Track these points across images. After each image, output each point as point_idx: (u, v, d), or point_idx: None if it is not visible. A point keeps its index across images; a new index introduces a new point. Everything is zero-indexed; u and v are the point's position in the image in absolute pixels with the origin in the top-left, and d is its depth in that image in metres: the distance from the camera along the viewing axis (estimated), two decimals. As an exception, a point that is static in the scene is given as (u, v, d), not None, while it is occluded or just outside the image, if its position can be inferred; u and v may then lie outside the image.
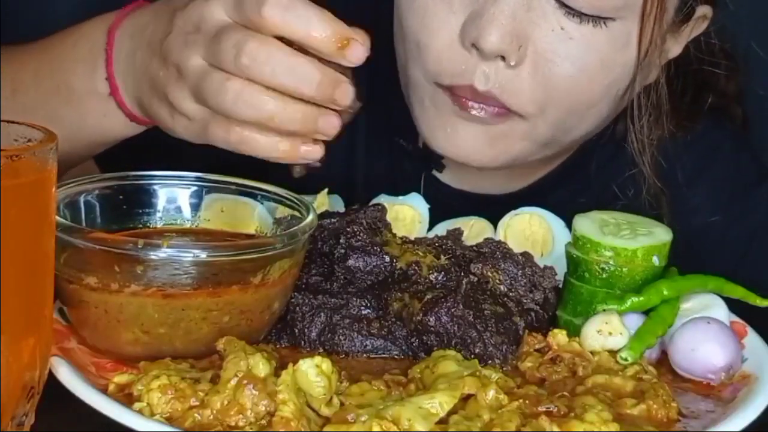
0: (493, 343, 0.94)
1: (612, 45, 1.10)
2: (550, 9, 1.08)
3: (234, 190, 1.03)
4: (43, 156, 0.78)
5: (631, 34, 1.11)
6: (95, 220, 0.99)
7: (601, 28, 1.09)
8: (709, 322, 0.97)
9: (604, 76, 1.11)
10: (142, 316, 0.88)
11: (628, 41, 1.11)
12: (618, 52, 1.11)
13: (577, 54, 1.09)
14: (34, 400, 0.81)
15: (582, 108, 1.13)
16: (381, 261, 1.00)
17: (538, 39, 1.09)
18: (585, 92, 1.12)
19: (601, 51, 1.10)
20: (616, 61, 1.11)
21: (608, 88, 1.13)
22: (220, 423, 0.81)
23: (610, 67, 1.11)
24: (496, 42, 1.07)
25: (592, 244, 1.00)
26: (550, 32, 1.08)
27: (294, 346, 0.97)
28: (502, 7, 1.07)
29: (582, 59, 1.09)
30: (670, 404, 0.88)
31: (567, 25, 1.08)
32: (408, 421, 0.80)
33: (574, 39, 1.09)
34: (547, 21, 1.08)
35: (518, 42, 1.08)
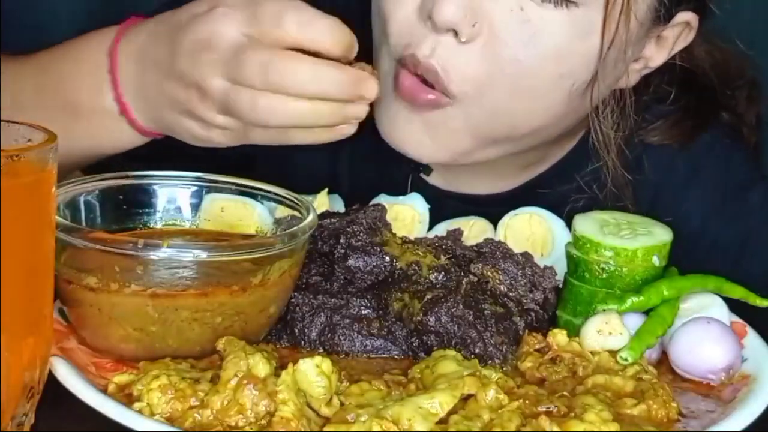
0: (493, 343, 0.94)
1: (571, 32, 1.07)
2: None
3: (234, 190, 1.03)
4: (43, 156, 0.78)
5: (594, 24, 1.07)
6: (95, 220, 0.99)
7: (562, 11, 1.05)
8: (709, 322, 0.97)
9: (557, 64, 1.08)
10: (135, 315, 0.88)
11: (590, 31, 1.07)
12: (577, 41, 1.07)
13: (532, 37, 1.06)
14: (34, 400, 0.81)
15: (526, 96, 1.09)
16: (381, 261, 1.00)
17: (495, 18, 1.06)
18: (531, 78, 1.08)
19: (557, 36, 1.06)
20: (573, 50, 1.08)
21: (561, 78, 1.09)
22: (220, 423, 0.81)
23: (565, 56, 1.08)
24: (449, 14, 1.04)
25: (592, 244, 1.00)
26: (509, 11, 1.05)
27: (294, 346, 0.97)
28: None
29: (536, 43, 1.06)
30: (670, 404, 0.88)
31: (526, 6, 1.05)
32: (408, 421, 0.80)
33: (532, 21, 1.05)
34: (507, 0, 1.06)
35: (473, 18, 1.05)
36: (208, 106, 0.99)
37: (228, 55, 0.97)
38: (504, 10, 1.06)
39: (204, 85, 0.98)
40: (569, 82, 1.09)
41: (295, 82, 0.95)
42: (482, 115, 1.10)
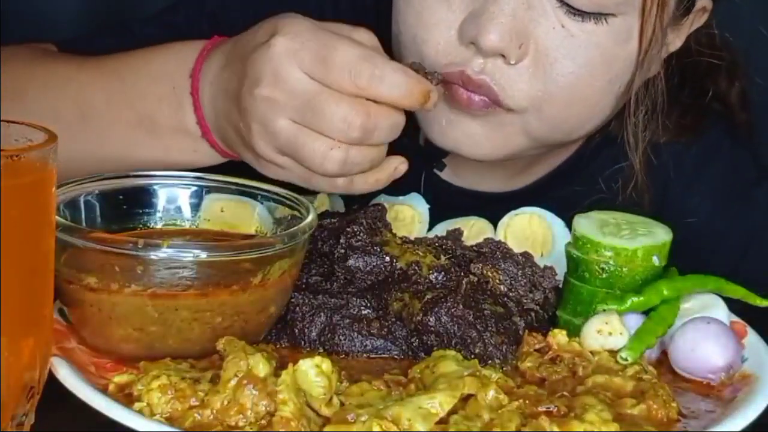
0: (493, 343, 0.94)
1: (613, 40, 1.10)
2: (550, 7, 1.08)
3: (234, 190, 1.03)
4: (43, 156, 0.78)
5: (632, 29, 1.11)
6: (95, 220, 0.99)
7: (602, 24, 1.09)
8: (709, 322, 0.97)
9: (605, 71, 1.11)
10: (135, 315, 0.88)
11: (629, 36, 1.11)
12: (619, 48, 1.11)
13: (579, 51, 1.09)
14: (34, 400, 0.81)
15: (581, 105, 1.13)
16: (381, 261, 1.00)
17: (540, 37, 1.08)
18: (585, 89, 1.11)
19: (602, 47, 1.10)
20: (618, 56, 1.11)
21: (609, 83, 1.13)
22: (220, 423, 0.81)
23: (611, 63, 1.11)
24: (496, 40, 1.06)
25: (592, 244, 1.00)
26: (551, 30, 1.08)
27: (294, 346, 0.97)
28: (502, 6, 1.07)
29: (584, 56, 1.09)
30: (670, 404, 0.88)
31: (568, 23, 1.08)
32: (408, 421, 0.80)
33: (576, 36, 1.09)
34: (548, 19, 1.08)
35: (518, 40, 1.07)
36: (267, 142, 0.99)
37: (297, 100, 0.97)
38: (547, 29, 1.08)
39: (270, 126, 0.98)
40: (617, 86, 1.13)
41: (375, 135, 0.98)
42: (540, 126, 1.13)
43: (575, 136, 1.18)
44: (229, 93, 1.02)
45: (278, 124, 0.97)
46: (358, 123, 0.96)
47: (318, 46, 0.97)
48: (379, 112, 0.97)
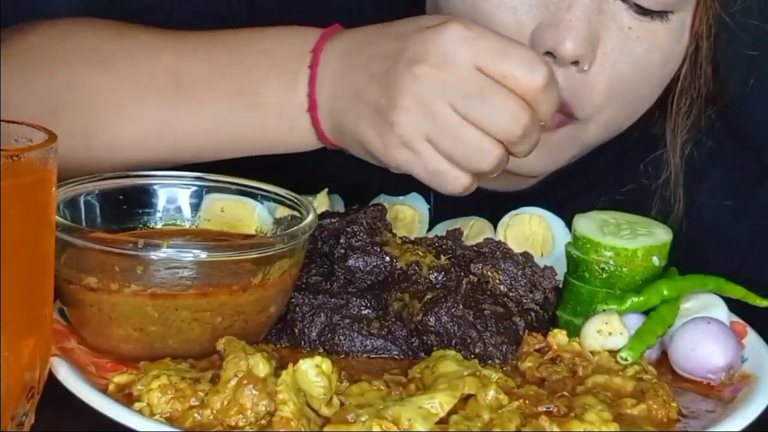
0: (493, 343, 0.94)
1: (671, 38, 1.12)
2: (618, 9, 1.09)
3: (234, 190, 1.03)
4: (43, 156, 0.78)
5: (685, 24, 1.13)
6: (95, 220, 0.99)
7: (665, 22, 1.10)
8: (709, 322, 0.97)
9: (661, 70, 1.13)
10: (135, 315, 0.88)
11: (683, 32, 1.13)
12: (675, 44, 1.13)
13: (642, 52, 1.10)
14: (34, 400, 0.81)
15: (639, 104, 1.15)
16: (381, 261, 1.00)
17: (607, 40, 1.09)
18: (643, 88, 1.13)
19: (663, 46, 1.11)
20: (674, 53, 1.13)
21: (662, 80, 1.15)
22: (220, 423, 0.81)
23: (668, 61, 1.13)
24: (575, 48, 1.07)
25: (592, 244, 1.00)
26: (618, 32, 1.09)
27: (294, 346, 0.97)
28: (577, 14, 1.07)
29: (646, 56, 1.11)
30: (670, 404, 0.88)
31: (634, 24, 1.09)
32: (408, 421, 0.80)
33: (640, 37, 1.10)
34: (616, 22, 1.09)
35: (592, 45, 1.08)
36: (416, 122, 0.96)
37: (465, 86, 0.95)
38: (614, 32, 1.09)
39: (427, 104, 0.95)
40: (666, 82, 1.16)
41: (525, 149, 0.97)
42: (597, 131, 1.14)
43: (614, 135, 1.19)
44: (370, 69, 0.99)
45: (438, 106, 0.95)
46: (524, 122, 0.95)
47: (496, 39, 0.96)
48: (536, 120, 0.97)
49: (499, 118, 0.95)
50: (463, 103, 0.95)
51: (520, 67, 0.95)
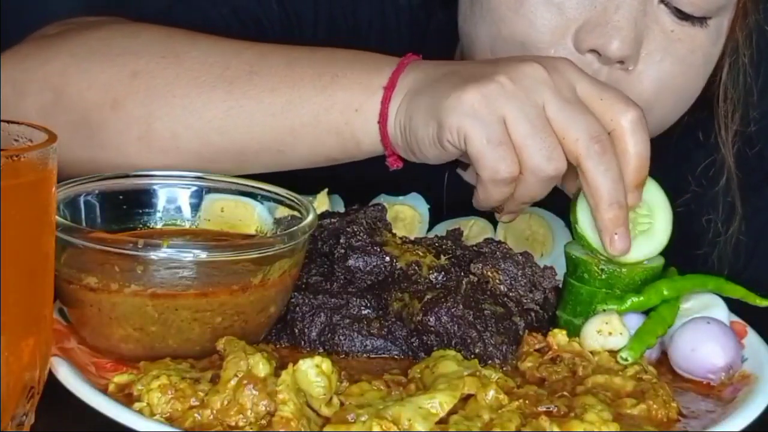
0: (493, 343, 0.94)
1: (711, 41, 1.15)
2: (661, 13, 1.11)
3: (234, 190, 1.03)
4: (43, 156, 0.78)
5: (722, 29, 1.16)
6: (95, 220, 0.99)
7: (705, 27, 1.13)
8: (709, 322, 0.97)
9: (705, 71, 1.16)
10: (135, 315, 0.88)
11: (720, 34, 1.16)
12: (714, 47, 1.16)
13: (684, 55, 1.13)
14: (34, 400, 0.81)
15: (682, 104, 1.17)
16: (381, 261, 1.00)
17: (650, 41, 1.11)
18: (690, 89, 1.16)
19: (703, 49, 1.14)
20: (713, 55, 1.16)
21: (704, 80, 1.17)
22: (220, 423, 0.81)
23: (709, 63, 1.16)
24: (622, 49, 1.08)
25: (591, 246, 1.00)
26: (661, 34, 1.12)
27: (294, 346, 0.97)
28: (625, 15, 1.09)
29: (689, 58, 1.13)
30: (670, 404, 0.88)
31: (676, 28, 1.12)
32: (408, 421, 0.80)
33: (682, 41, 1.12)
34: (659, 24, 1.11)
35: (638, 46, 1.10)
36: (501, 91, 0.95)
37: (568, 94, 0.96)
38: (657, 34, 1.11)
39: (525, 89, 0.95)
40: (705, 83, 1.18)
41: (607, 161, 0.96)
42: (650, 125, 1.11)
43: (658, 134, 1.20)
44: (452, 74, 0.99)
45: (534, 96, 0.95)
46: (604, 138, 0.95)
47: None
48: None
49: (588, 126, 0.95)
50: (558, 104, 0.95)
51: (617, 99, 0.97)
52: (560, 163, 0.95)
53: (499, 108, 0.95)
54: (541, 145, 0.95)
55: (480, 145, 0.95)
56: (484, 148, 0.95)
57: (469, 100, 0.95)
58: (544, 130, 0.95)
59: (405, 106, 1.00)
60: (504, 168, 0.95)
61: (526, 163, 0.95)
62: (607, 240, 0.97)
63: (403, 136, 1.01)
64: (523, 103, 0.95)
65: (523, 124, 0.95)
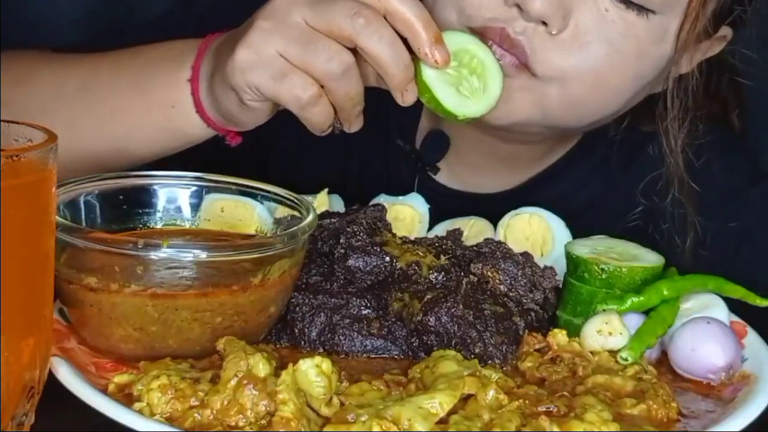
0: (493, 343, 0.94)
1: (650, 38, 1.13)
2: None
3: (234, 190, 1.03)
4: (43, 156, 0.78)
5: (668, 31, 1.14)
6: (95, 220, 0.99)
7: (643, 18, 1.12)
8: (709, 322, 0.97)
9: (635, 65, 1.14)
10: (135, 315, 0.88)
11: (664, 38, 1.14)
12: (653, 46, 1.14)
13: (617, 38, 1.11)
14: (34, 400, 0.81)
15: (604, 91, 1.15)
16: (381, 261, 1.00)
17: (583, 15, 1.10)
18: (613, 76, 1.13)
19: (639, 40, 1.12)
20: (650, 54, 1.14)
21: (634, 79, 1.15)
22: (220, 423, 0.81)
23: (643, 59, 1.14)
24: (543, 7, 1.08)
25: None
26: (596, 11, 1.10)
27: (294, 346, 0.97)
28: None
29: (620, 44, 1.12)
30: (670, 404, 0.88)
31: (612, 9, 1.11)
32: (408, 421, 0.80)
33: (616, 23, 1.11)
34: (595, 0, 1.11)
35: (563, 12, 1.09)
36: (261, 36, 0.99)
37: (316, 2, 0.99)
38: (591, 9, 1.11)
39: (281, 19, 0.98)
40: (641, 83, 1.16)
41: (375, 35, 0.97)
42: (558, 102, 1.13)
43: (584, 123, 1.19)
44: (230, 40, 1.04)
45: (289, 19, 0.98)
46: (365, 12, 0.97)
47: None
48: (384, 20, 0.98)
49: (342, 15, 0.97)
50: (313, 11, 0.98)
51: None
52: (343, 56, 0.98)
53: (268, 47, 0.99)
54: (317, 53, 0.98)
55: (271, 86, 0.99)
56: (276, 87, 0.99)
57: (241, 56, 0.99)
58: (313, 39, 0.98)
59: (208, 90, 1.06)
60: (302, 92, 0.99)
61: (318, 75, 0.98)
62: (399, 96, 1.00)
63: (220, 114, 1.07)
64: (284, 30, 0.98)
65: (293, 46, 0.98)
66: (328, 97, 0.99)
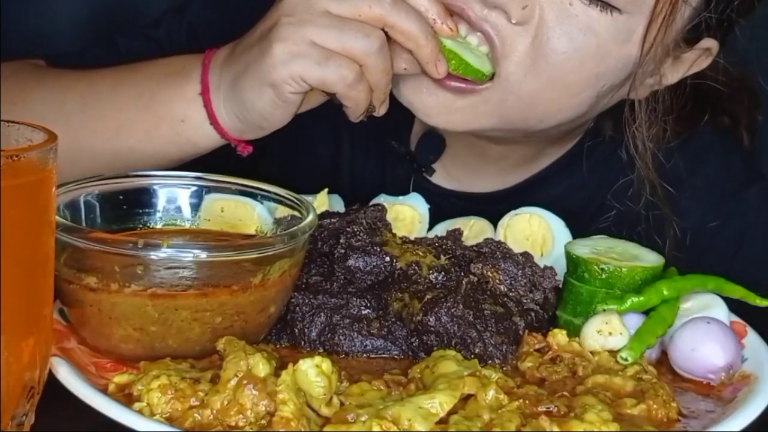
0: (493, 343, 0.94)
1: (612, 35, 1.10)
2: None
3: (234, 190, 1.03)
4: (43, 156, 0.78)
5: (633, 32, 1.11)
6: (95, 220, 0.99)
7: (607, 15, 1.09)
8: (709, 322, 0.97)
9: (596, 63, 1.11)
10: (135, 315, 0.88)
11: (629, 38, 1.11)
12: (616, 46, 1.11)
13: (577, 33, 1.09)
14: (34, 400, 0.81)
15: (562, 89, 1.12)
16: (381, 261, 1.00)
17: (544, 7, 1.09)
18: (571, 73, 1.11)
19: (600, 38, 1.10)
20: (612, 53, 1.11)
21: (596, 78, 1.12)
22: (220, 423, 0.81)
23: (604, 57, 1.11)
24: None
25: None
26: (558, 3, 1.09)
27: (294, 346, 0.97)
28: None
29: (580, 40, 1.09)
30: (670, 404, 0.88)
31: (575, 3, 1.09)
32: (408, 421, 0.80)
33: (579, 17, 1.09)
34: None
35: (523, 1, 1.08)
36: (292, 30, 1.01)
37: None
38: (553, 2, 1.09)
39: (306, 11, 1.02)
40: (602, 83, 1.13)
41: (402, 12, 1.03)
42: (517, 103, 1.12)
43: (545, 125, 1.17)
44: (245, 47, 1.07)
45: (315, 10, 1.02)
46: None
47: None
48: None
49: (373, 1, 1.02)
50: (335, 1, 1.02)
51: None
52: (377, 32, 1.03)
53: (304, 37, 1.02)
54: (354, 34, 1.02)
55: (316, 71, 1.02)
56: (322, 70, 1.02)
57: (278, 50, 1.02)
58: (345, 22, 1.02)
59: (229, 97, 1.08)
60: (347, 72, 1.03)
61: (358, 53, 1.02)
62: (433, 68, 1.06)
63: (243, 120, 1.08)
64: (313, 20, 1.02)
65: (327, 32, 1.02)
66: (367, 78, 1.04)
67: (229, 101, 1.07)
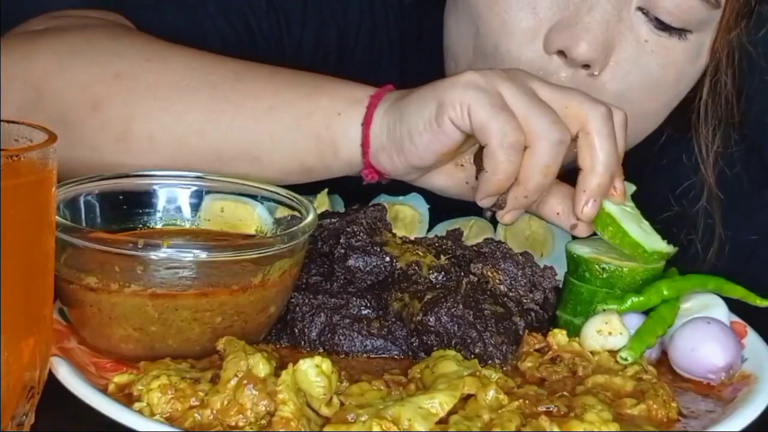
0: (493, 343, 0.94)
1: (687, 57, 1.11)
2: (638, 21, 1.09)
3: (234, 190, 1.03)
4: (43, 156, 0.78)
5: (702, 47, 1.12)
6: (95, 220, 0.99)
7: (682, 41, 1.10)
8: (709, 322, 0.97)
9: (672, 88, 1.13)
10: (135, 315, 0.88)
11: (700, 53, 1.12)
12: (690, 65, 1.12)
13: (656, 67, 1.10)
14: (34, 400, 0.81)
15: (646, 119, 1.14)
16: (381, 261, 1.00)
17: (621, 50, 1.09)
18: (651, 103, 1.12)
19: (677, 65, 1.11)
20: (687, 73, 1.13)
21: (673, 99, 1.14)
22: (220, 423, 0.81)
23: (680, 80, 1.13)
24: (589, 51, 1.06)
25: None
26: (634, 43, 1.09)
27: (294, 346, 0.97)
28: (597, 17, 1.07)
29: (659, 72, 1.10)
30: (670, 404, 0.88)
31: (651, 38, 1.09)
32: (408, 421, 0.80)
33: (655, 52, 1.09)
34: (633, 32, 1.09)
35: (606, 52, 1.08)
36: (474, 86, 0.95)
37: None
38: (629, 42, 1.09)
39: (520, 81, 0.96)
40: (677, 100, 1.14)
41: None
42: None
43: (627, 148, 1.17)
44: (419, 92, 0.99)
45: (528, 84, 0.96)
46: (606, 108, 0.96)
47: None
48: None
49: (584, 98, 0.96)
50: (548, 86, 0.96)
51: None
52: (565, 128, 0.94)
53: (498, 85, 0.95)
54: (543, 112, 0.94)
55: (485, 111, 0.94)
56: (490, 113, 0.94)
57: (468, 77, 0.96)
58: (542, 103, 0.95)
59: (394, 107, 1.00)
60: (511, 131, 0.93)
61: (533, 129, 0.94)
62: (582, 202, 0.97)
63: (390, 132, 0.99)
64: (517, 84, 0.96)
65: (522, 96, 0.95)
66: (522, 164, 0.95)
67: (390, 110, 1.00)
